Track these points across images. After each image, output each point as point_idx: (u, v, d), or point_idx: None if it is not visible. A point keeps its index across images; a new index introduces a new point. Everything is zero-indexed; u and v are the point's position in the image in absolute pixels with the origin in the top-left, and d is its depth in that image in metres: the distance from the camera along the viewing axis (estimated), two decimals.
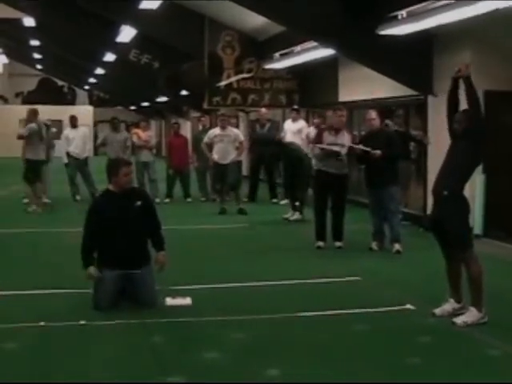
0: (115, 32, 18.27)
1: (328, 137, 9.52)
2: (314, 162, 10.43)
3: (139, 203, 6.61)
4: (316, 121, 13.98)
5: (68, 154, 15.42)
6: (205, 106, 18.11)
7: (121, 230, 6.48)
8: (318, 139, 9.63)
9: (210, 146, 13.38)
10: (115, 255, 6.47)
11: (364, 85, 13.45)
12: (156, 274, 7.11)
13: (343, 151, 9.37)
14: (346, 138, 9.49)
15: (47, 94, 40.90)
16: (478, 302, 6.00)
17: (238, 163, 14.15)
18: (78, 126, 15.77)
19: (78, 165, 15.36)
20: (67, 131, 15.85)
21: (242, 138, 13.61)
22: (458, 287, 6.24)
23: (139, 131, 15.61)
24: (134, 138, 15.43)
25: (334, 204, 9.70)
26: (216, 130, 13.54)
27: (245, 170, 17.42)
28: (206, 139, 13.58)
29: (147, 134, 15.71)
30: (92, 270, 6.43)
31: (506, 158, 10.45)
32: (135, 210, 6.58)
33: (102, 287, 6.44)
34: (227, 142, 13.27)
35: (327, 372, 4.95)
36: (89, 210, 6.67)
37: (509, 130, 10.48)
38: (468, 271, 6.06)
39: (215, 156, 13.27)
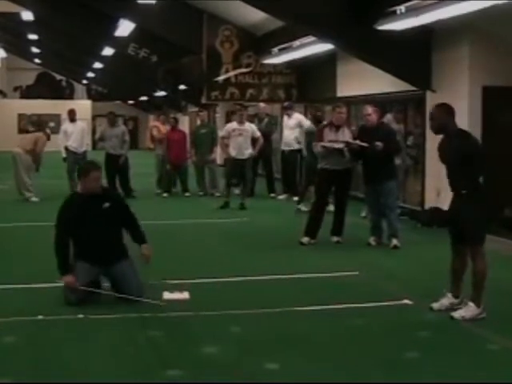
0: (113, 26, 18.23)
1: (329, 134, 9.51)
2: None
3: (107, 205, 6.57)
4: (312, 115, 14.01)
5: (66, 149, 15.38)
6: (203, 100, 18.11)
7: (91, 232, 6.46)
8: (319, 137, 9.62)
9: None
10: (89, 254, 6.48)
11: (362, 80, 13.46)
12: (154, 269, 7.12)
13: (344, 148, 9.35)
14: (346, 135, 9.49)
15: (45, 88, 40.87)
16: (477, 298, 6.01)
17: None
18: (76, 120, 15.74)
19: (76, 159, 15.31)
20: (65, 125, 15.79)
21: (258, 133, 13.57)
22: (459, 282, 6.24)
23: (159, 125, 15.95)
24: (155, 132, 16.01)
25: (337, 199, 9.71)
26: (233, 124, 13.50)
27: None
28: (223, 133, 13.54)
29: (166, 128, 16.14)
30: (70, 278, 6.36)
31: (504, 153, 10.45)
32: (103, 211, 6.55)
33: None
34: (245, 136, 13.25)
35: (325, 366, 4.97)
36: (58, 215, 6.54)
37: (507, 126, 10.49)
38: (474, 266, 6.06)
39: (232, 151, 13.23)
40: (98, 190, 6.57)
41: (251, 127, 13.55)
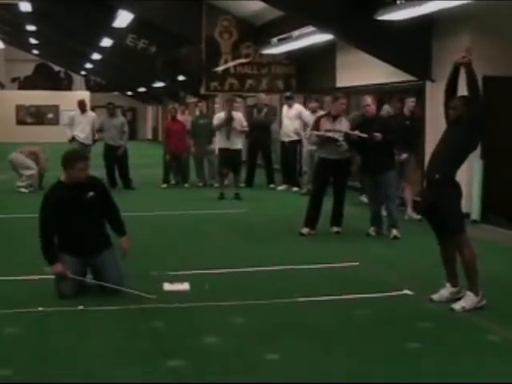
0: (112, 17, 18.19)
1: (325, 123, 9.50)
2: (315, 149, 10.41)
3: (92, 194, 6.49)
4: (312, 105, 13.99)
5: (73, 138, 14.98)
6: (202, 91, 18.07)
7: (75, 221, 6.39)
8: (316, 126, 9.61)
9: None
10: (73, 245, 6.42)
11: (362, 70, 13.42)
12: (154, 260, 7.12)
13: (340, 138, 9.34)
14: (343, 125, 9.47)
15: (44, 79, 40.78)
16: (473, 286, 6.02)
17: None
18: (87, 111, 15.40)
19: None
20: (74, 113, 15.35)
21: (245, 122, 13.58)
22: (453, 271, 6.26)
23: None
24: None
25: (335, 189, 9.69)
26: (222, 114, 13.52)
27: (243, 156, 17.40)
28: (215, 122, 13.50)
29: (185, 117, 16.55)
30: (60, 267, 6.31)
31: (504, 143, 10.45)
32: (88, 201, 6.48)
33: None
34: (234, 125, 13.24)
35: (326, 357, 4.97)
36: (43, 203, 6.45)
37: (507, 116, 10.47)
38: (461, 256, 6.08)
39: (221, 142, 13.26)
40: (83, 180, 6.49)
41: (239, 116, 13.57)
